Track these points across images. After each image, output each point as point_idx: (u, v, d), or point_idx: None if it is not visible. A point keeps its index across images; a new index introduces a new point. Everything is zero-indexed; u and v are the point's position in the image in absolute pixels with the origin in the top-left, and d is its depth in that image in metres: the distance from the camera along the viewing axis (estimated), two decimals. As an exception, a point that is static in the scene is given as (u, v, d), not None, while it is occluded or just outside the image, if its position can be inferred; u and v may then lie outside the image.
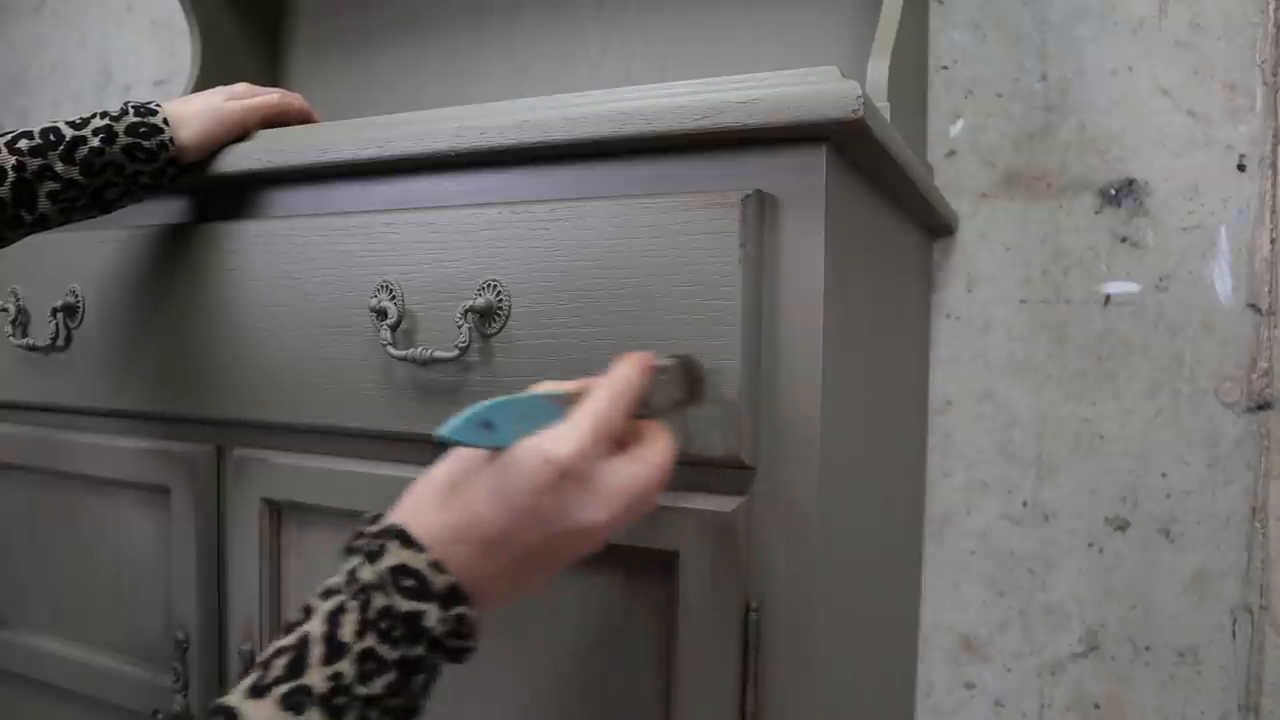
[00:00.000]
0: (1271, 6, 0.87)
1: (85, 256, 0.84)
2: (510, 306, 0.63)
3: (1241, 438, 0.88)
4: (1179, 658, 0.90)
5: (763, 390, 0.57)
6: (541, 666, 0.64)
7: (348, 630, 0.43)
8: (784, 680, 0.57)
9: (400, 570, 0.44)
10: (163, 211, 0.83)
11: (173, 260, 0.79)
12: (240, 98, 0.78)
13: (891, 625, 0.88)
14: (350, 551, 0.46)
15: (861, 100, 0.53)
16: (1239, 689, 0.88)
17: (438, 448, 0.47)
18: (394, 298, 0.67)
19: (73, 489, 0.90)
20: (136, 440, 0.84)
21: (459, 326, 0.62)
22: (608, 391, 0.48)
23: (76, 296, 0.85)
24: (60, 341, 0.85)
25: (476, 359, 0.64)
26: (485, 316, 0.63)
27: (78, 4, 1.60)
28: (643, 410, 0.51)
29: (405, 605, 0.43)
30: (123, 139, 0.70)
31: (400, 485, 0.49)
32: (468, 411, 0.46)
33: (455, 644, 0.45)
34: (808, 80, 0.55)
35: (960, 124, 0.99)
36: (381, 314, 0.66)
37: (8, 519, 0.96)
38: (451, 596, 0.44)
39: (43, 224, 0.70)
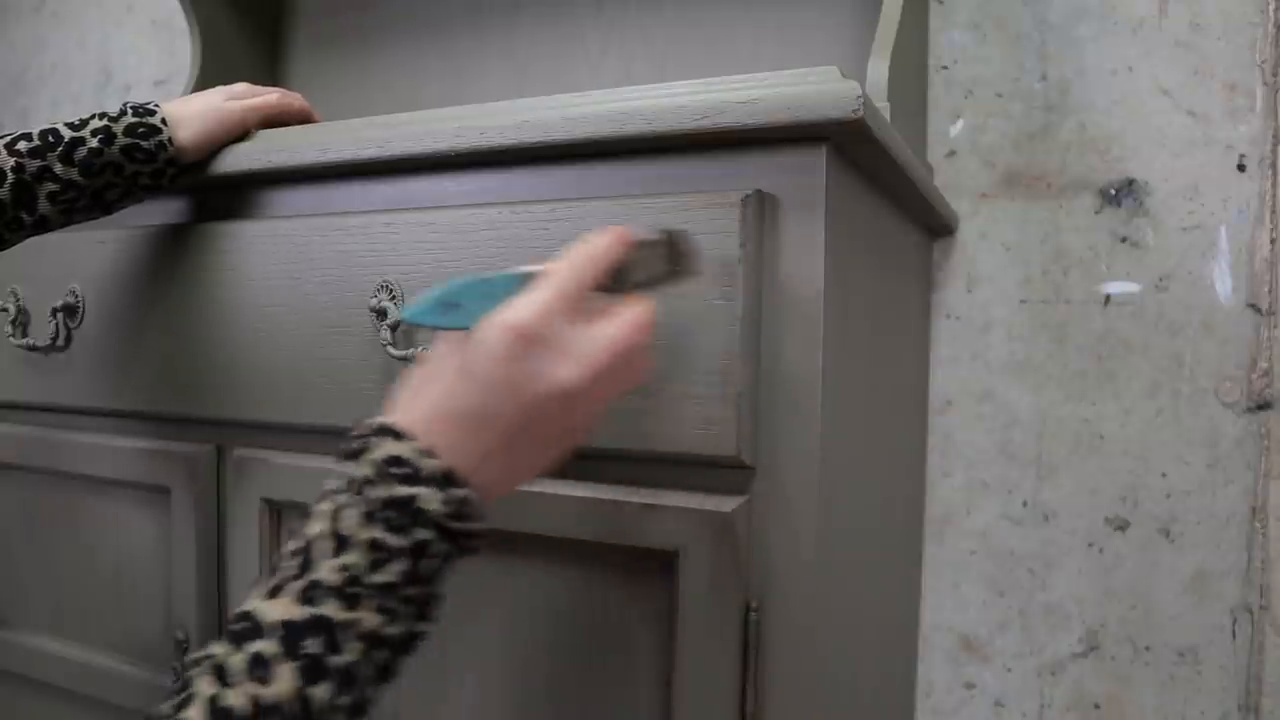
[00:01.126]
0: (1271, 6, 0.87)
1: (85, 256, 0.84)
2: (510, 306, 0.63)
3: (1241, 438, 0.88)
4: (1179, 658, 0.90)
5: (763, 390, 0.57)
6: (541, 666, 0.64)
7: (351, 524, 0.43)
8: (784, 680, 0.57)
9: (391, 461, 0.44)
10: (162, 211, 0.83)
11: (173, 260, 0.79)
12: (240, 98, 0.78)
13: (891, 625, 0.88)
14: (344, 458, 0.47)
15: (861, 100, 0.53)
16: (1239, 689, 0.88)
17: None
18: (394, 298, 0.67)
19: (72, 489, 0.90)
20: (136, 440, 0.84)
21: (459, 326, 0.62)
22: (571, 260, 0.48)
23: (76, 296, 0.85)
24: (60, 341, 0.85)
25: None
26: (485, 316, 0.63)
27: (78, 4, 1.60)
28: (619, 284, 0.50)
29: (402, 491, 0.44)
30: (121, 140, 0.70)
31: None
32: (433, 292, 0.46)
33: (459, 527, 0.45)
34: (808, 80, 0.55)
35: (960, 124, 0.99)
36: (381, 314, 0.66)
37: (8, 519, 0.96)
38: (446, 480, 0.44)
39: (43, 226, 0.70)
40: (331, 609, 0.42)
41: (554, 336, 0.46)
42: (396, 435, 0.45)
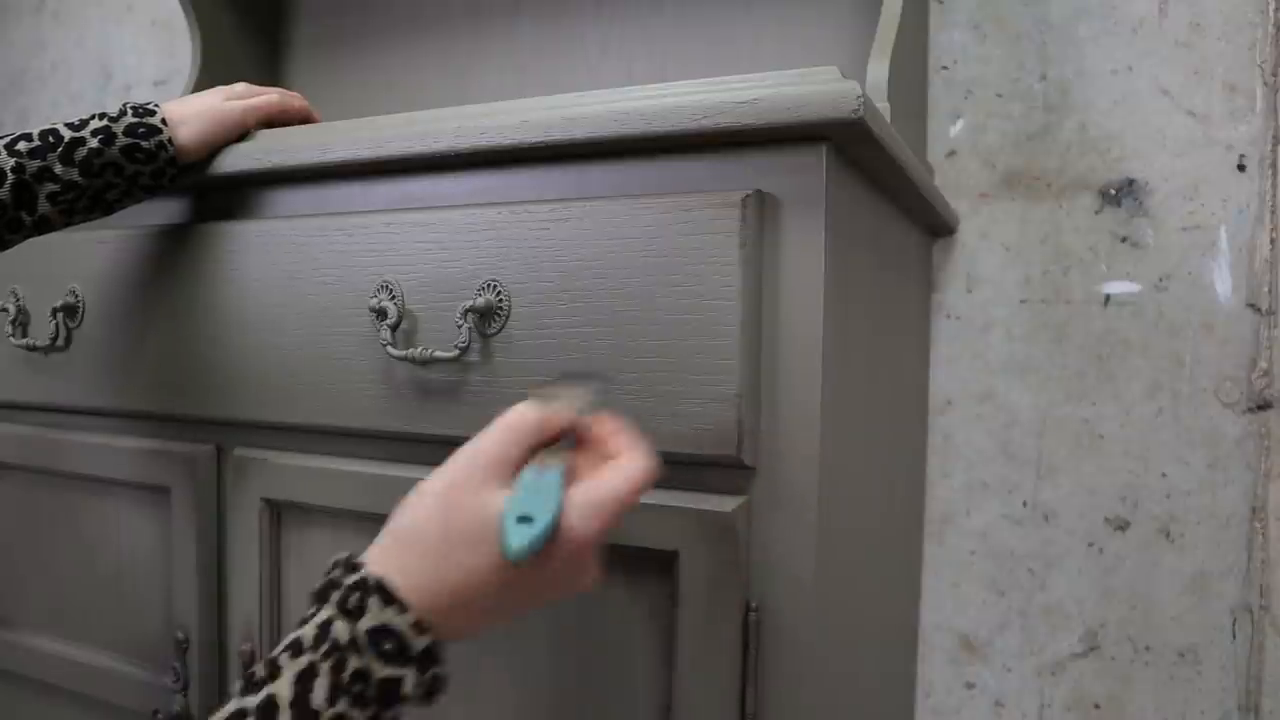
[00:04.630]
0: (1271, 7, 0.87)
1: (85, 256, 0.84)
2: (510, 306, 0.63)
3: (1241, 438, 0.88)
4: (1179, 658, 0.90)
5: (763, 390, 0.57)
6: (541, 666, 0.64)
7: (319, 696, 0.41)
8: (784, 680, 0.57)
9: (380, 632, 0.42)
10: (162, 211, 0.83)
11: (173, 260, 0.79)
12: (240, 98, 0.78)
13: (891, 625, 0.88)
14: (321, 597, 0.44)
15: (861, 100, 0.53)
16: (1239, 689, 0.88)
17: (436, 448, 0.47)
18: (394, 298, 0.67)
19: (73, 489, 0.90)
20: (136, 440, 0.84)
21: (459, 326, 0.62)
22: (640, 472, 0.47)
23: (76, 296, 0.85)
24: (60, 341, 0.85)
25: (476, 359, 0.64)
26: (485, 316, 0.63)
27: (78, 4, 1.60)
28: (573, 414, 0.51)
29: (382, 671, 0.42)
30: (121, 140, 0.70)
31: (400, 485, 0.49)
32: (510, 515, 0.44)
33: (428, 702, 0.44)
34: (808, 80, 0.55)
35: (960, 124, 0.99)
36: (381, 314, 0.66)
37: (8, 519, 0.96)
38: (428, 658, 0.43)
39: (44, 226, 0.70)
40: None
41: (597, 543, 0.46)
42: (389, 598, 0.43)
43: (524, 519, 0.44)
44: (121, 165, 0.70)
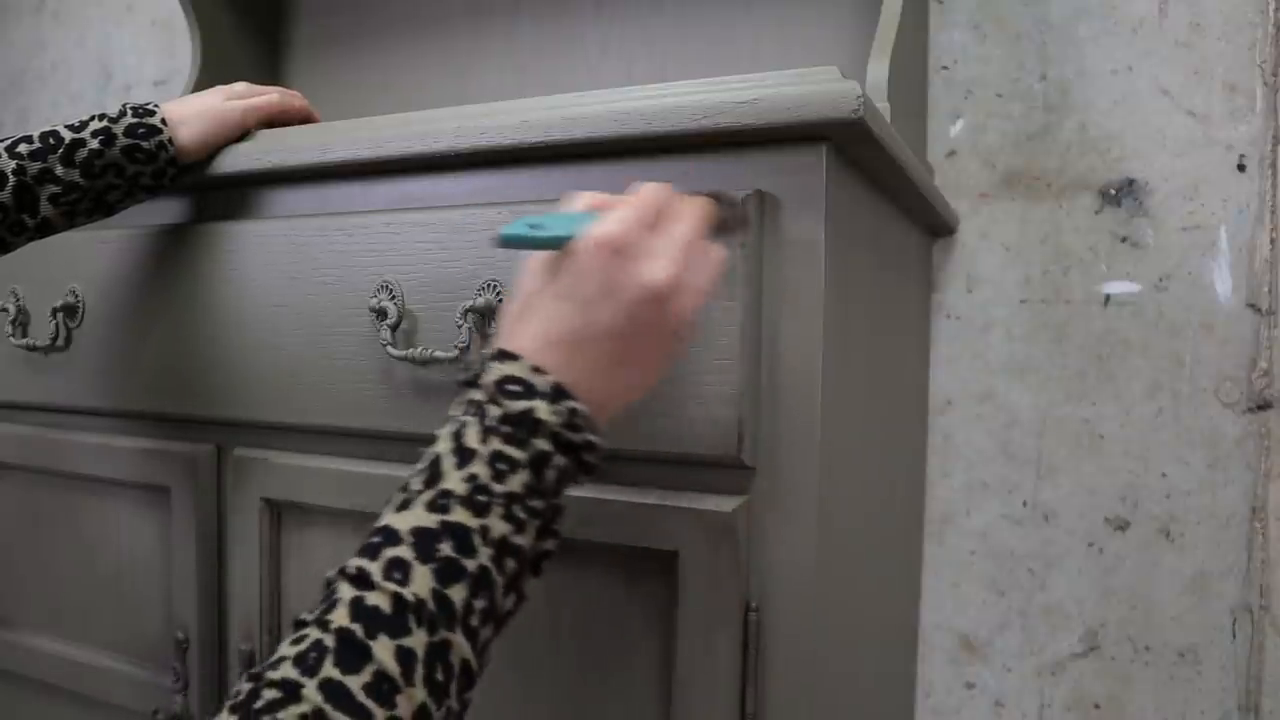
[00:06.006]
0: (1271, 7, 0.87)
1: (85, 256, 0.84)
2: (510, 306, 0.63)
3: (1241, 438, 0.88)
4: (1179, 658, 0.90)
5: (763, 390, 0.57)
6: (541, 666, 0.64)
7: (472, 439, 0.45)
8: (784, 680, 0.57)
9: (505, 380, 0.46)
10: (163, 212, 0.83)
11: (173, 260, 0.79)
12: (240, 97, 0.78)
13: (891, 625, 0.88)
14: (462, 385, 0.48)
15: (861, 100, 0.53)
16: (1239, 689, 0.88)
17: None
18: (394, 298, 0.67)
19: (73, 489, 0.90)
20: (136, 440, 0.84)
21: (459, 326, 0.63)
22: (645, 188, 0.51)
23: (76, 296, 0.85)
24: (60, 341, 0.85)
25: (476, 359, 0.64)
26: (485, 316, 0.63)
27: (78, 4, 1.60)
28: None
29: (517, 406, 0.46)
30: (122, 140, 0.70)
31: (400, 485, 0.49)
32: (519, 221, 0.49)
33: (576, 439, 0.46)
34: (808, 80, 0.55)
35: (960, 124, 0.99)
36: (381, 314, 0.66)
37: (8, 519, 0.96)
38: (557, 393, 0.46)
39: (45, 228, 0.70)
40: (460, 515, 0.43)
41: (638, 244, 0.48)
42: (506, 356, 0.47)
43: (537, 226, 0.49)
44: (122, 166, 0.70)
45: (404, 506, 0.44)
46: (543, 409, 0.46)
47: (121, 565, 0.87)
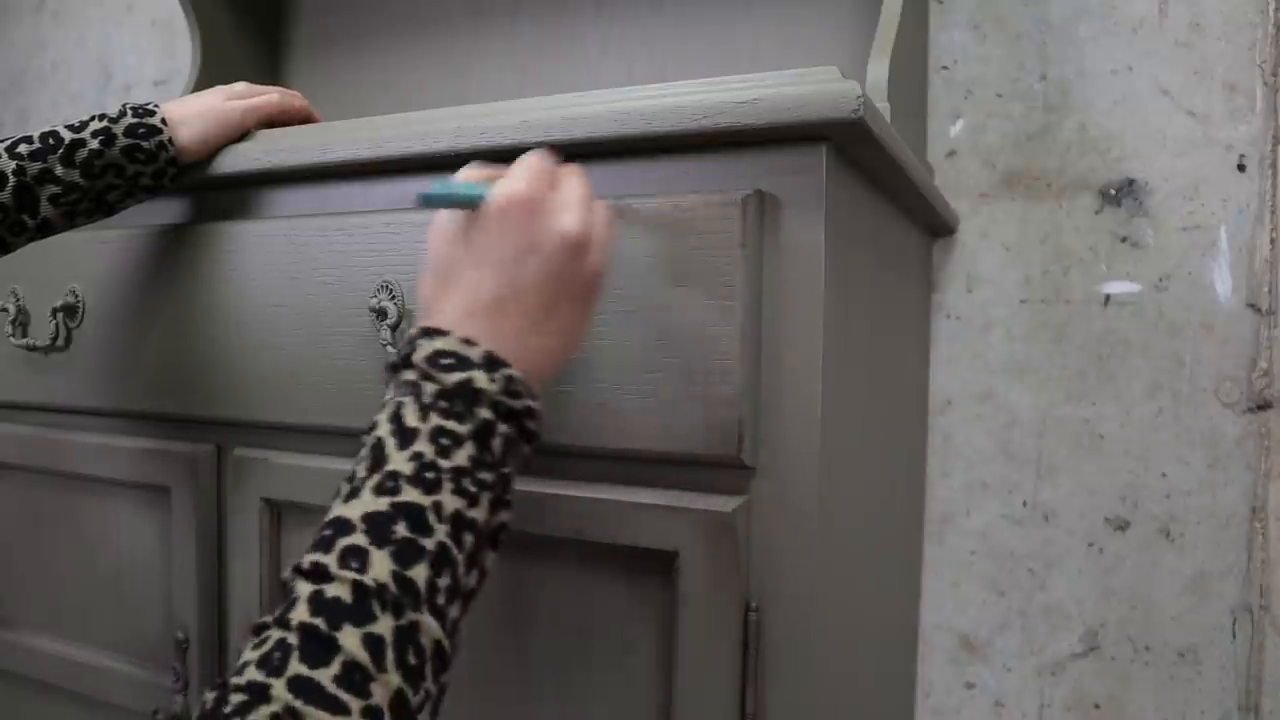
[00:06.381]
0: (1271, 7, 0.87)
1: (85, 256, 0.84)
2: (510, 306, 0.63)
3: (1241, 438, 0.88)
4: (1179, 658, 0.90)
5: (763, 390, 0.57)
6: (541, 666, 0.64)
7: (412, 418, 0.45)
8: (784, 680, 0.57)
9: (436, 355, 0.46)
10: (163, 212, 0.83)
11: (173, 260, 0.79)
12: (240, 97, 0.78)
13: (891, 625, 0.88)
14: (391, 370, 0.48)
15: (861, 100, 0.53)
16: (1239, 689, 0.88)
17: None
18: (394, 298, 0.67)
19: (73, 489, 0.90)
20: (136, 440, 0.84)
21: (459, 326, 0.62)
22: (531, 154, 0.52)
23: (76, 296, 0.85)
24: (60, 341, 0.85)
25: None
26: (485, 316, 0.63)
27: (78, 4, 1.60)
28: None
29: (452, 378, 0.45)
30: (121, 140, 0.70)
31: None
32: (434, 183, 0.52)
33: (516, 405, 0.46)
34: (808, 80, 0.55)
35: (960, 124, 0.99)
36: (381, 314, 0.66)
37: (8, 519, 0.96)
38: (491, 361, 0.46)
39: (46, 229, 0.70)
40: (411, 495, 0.43)
41: (545, 199, 0.50)
42: (433, 333, 0.47)
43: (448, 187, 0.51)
44: (122, 166, 0.70)
45: (352, 495, 0.43)
46: (480, 378, 0.45)
47: (121, 565, 0.87)
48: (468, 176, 0.53)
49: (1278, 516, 0.87)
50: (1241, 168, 0.88)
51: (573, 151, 0.61)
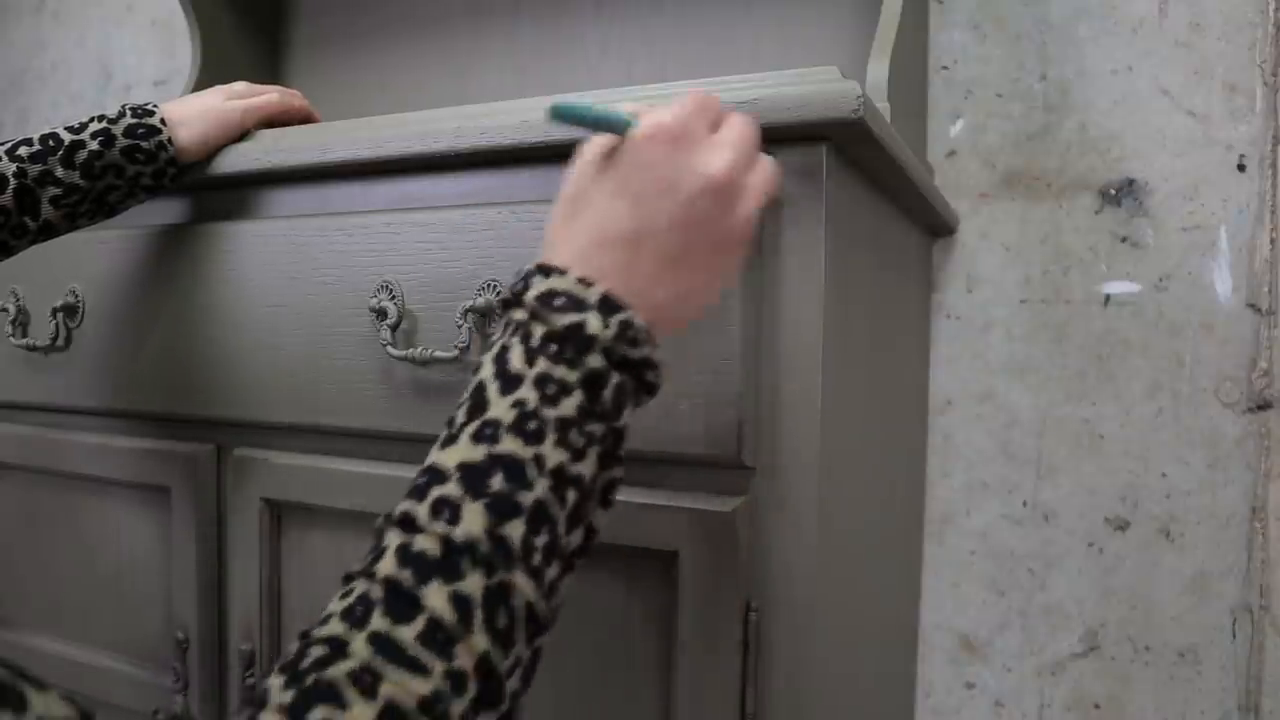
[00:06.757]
0: (1271, 7, 0.87)
1: (85, 256, 0.84)
2: (510, 306, 0.63)
3: (1241, 438, 0.88)
4: (1179, 658, 0.90)
5: (763, 390, 0.57)
6: (541, 665, 0.64)
7: (517, 362, 0.41)
8: (784, 680, 0.57)
9: (547, 296, 0.42)
10: (162, 212, 0.83)
11: (173, 260, 0.79)
12: (240, 97, 0.78)
13: (891, 625, 0.88)
14: (503, 307, 0.45)
15: (862, 100, 0.53)
16: (1239, 689, 0.88)
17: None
18: (394, 298, 0.67)
19: (72, 489, 0.90)
20: (136, 440, 0.84)
21: (459, 326, 0.62)
22: (696, 91, 0.48)
23: (76, 296, 0.85)
24: (60, 341, 0.85)
25: (476, 359, 0.64)
26: (485, 316, 0.63)
27: (78, 4, 1.60)
28: None
29: (562, 320, 0.42)
30: (121, 141, 0.70)
31: (400, 485, 0.49)
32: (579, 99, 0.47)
33: (633, 354, 0.43)
34: (808, 80, 0.55)
35: (960, 124, 0.99)
36: (381, 314, 0.66)
37: (8, 519, 0.96)
38: (606, 305, 0.42)
39: (48, 231, 0.70)
40: (510, 445, 0.40)
41: (696, 134, 0.45)
42: (548, 271, 0.43)
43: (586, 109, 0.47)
44: (122, 167, 0.70)
45: (449, 442, 0.41)
46: (592, 322, 0.42)
47: (121, 565, 0.87)
48: (626, 109, 0.48)
49: (1278, 516, 0.87)
50: (1241, 168, 0.88)
51: (572, 151, 0.61)
